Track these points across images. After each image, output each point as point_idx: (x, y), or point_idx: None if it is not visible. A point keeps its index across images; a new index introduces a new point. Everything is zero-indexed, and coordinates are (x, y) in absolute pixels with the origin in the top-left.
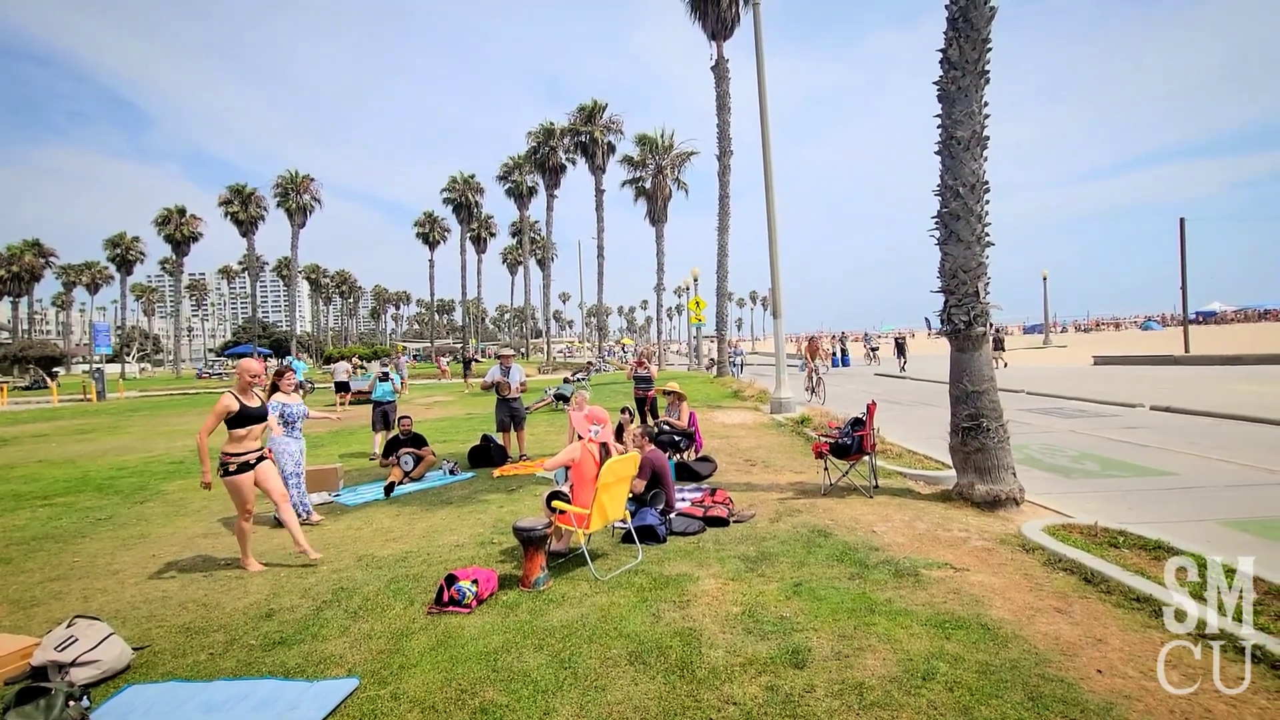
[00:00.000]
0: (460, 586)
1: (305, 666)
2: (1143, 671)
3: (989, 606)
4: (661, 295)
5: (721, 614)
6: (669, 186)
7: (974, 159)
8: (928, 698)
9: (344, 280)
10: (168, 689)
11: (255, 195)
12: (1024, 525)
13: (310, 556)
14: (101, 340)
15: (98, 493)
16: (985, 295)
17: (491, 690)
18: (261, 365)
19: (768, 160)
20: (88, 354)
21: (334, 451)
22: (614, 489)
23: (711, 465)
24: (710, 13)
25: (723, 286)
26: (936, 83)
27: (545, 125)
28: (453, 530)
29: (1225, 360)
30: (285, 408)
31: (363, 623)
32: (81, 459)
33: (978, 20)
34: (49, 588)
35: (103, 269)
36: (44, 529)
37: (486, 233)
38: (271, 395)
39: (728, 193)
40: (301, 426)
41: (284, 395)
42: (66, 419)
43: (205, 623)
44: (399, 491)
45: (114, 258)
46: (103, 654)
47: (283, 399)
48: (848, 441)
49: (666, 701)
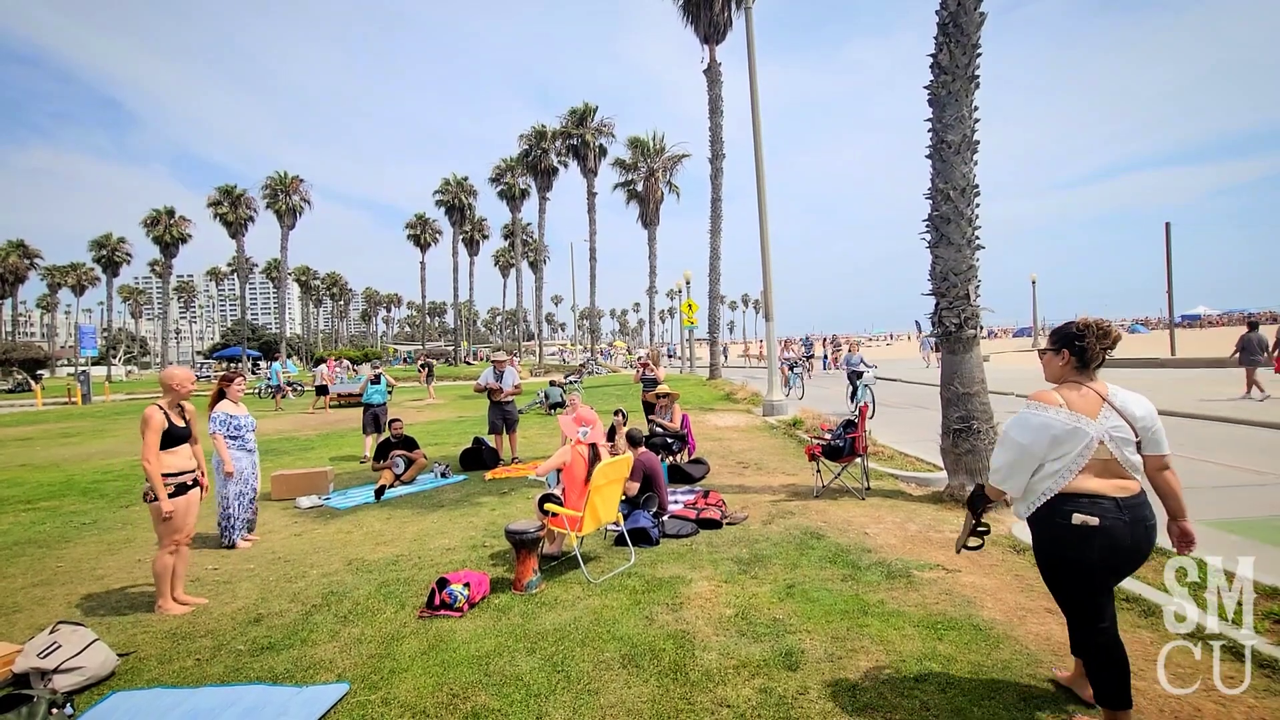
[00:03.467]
0: (452, 590)
1: (294, 672)
2: (1134, 672)
3: (981, 607)
4: (654, 298)
5: (715, 616)
6: (661, 189)
7: (964, 163)
8: (920, 699)
9: (334, 282)
10: (153, 695)
11: (245, 196)
12: (1015, 526)
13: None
14: (87, 343)
15: (82, 497)
16: (976, 298)
17: (483, 694)
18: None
19: (759, 163)
20: (73, 356)
21: (324, 454)
22: (606, 491)
23: (704, 467)
24: (703, 16)
25: (715, 289)
26: (927, 87)
27: (537, 128)
28: (444, 533)
29: (1211, 363)
30: (231, 419)
31: (353, 627)
32: (66, 463)
33: (967, 26)
34: (32, 593)
35: (89, 270)
36: (27, 533)
37: (479, 235)
38: (216, 404)
39: (720, 196)
40: (254, 438)
41: (230, 405)
42: (51, 422)
43: (192, 628)
44: (390, 495)
45: (100, 259)
46: (86, 660)
47: (229, 409)
48: (840, 444)
49: (660, 704)
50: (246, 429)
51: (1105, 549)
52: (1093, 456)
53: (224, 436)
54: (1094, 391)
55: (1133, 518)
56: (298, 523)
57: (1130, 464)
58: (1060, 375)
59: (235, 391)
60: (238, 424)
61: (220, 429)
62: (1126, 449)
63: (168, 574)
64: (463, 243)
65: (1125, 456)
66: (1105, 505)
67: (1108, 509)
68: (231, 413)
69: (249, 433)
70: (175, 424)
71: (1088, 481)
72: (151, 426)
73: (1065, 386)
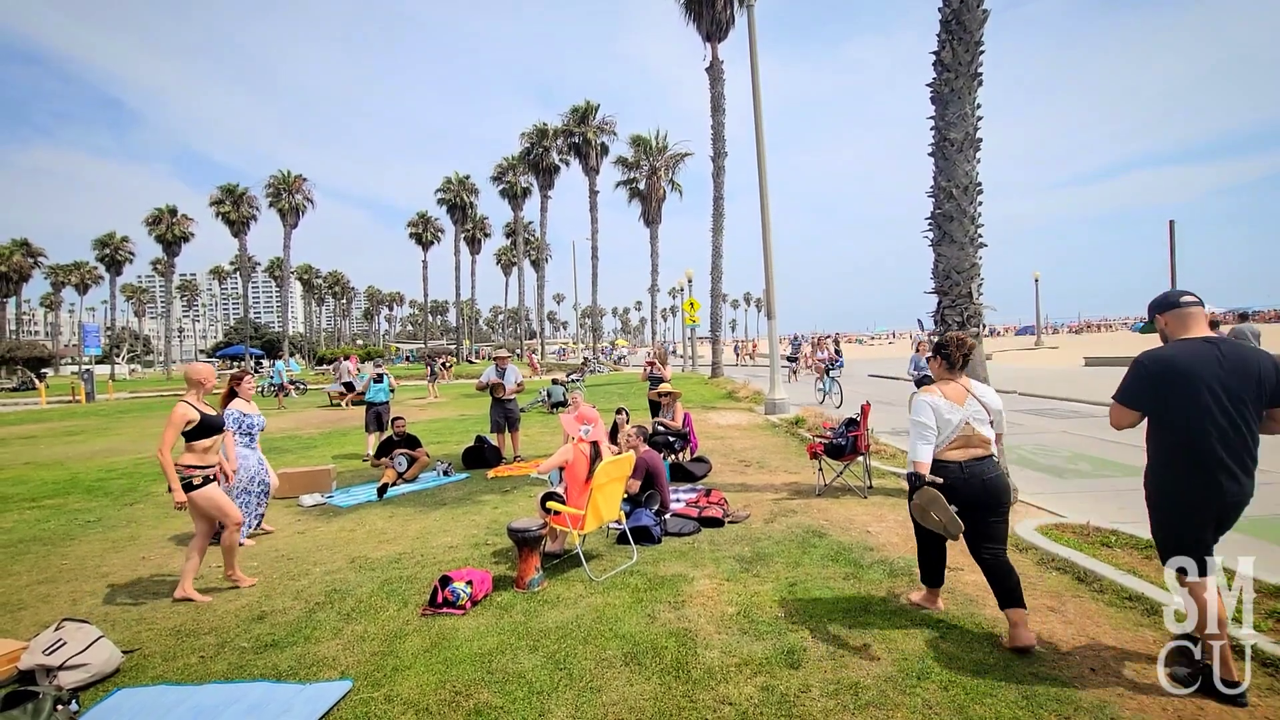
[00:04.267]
0: (454, 588)
1: (298, 669)
2: (1136, 669)
3: (982, 606)
4: (656, 296)
5: (716, 614)
6: (663, 188)
7: (967, 160)
8: (922, 697)
9: (337, 281)
10: (158, 692)
11: (247, 195)
12: (1017, 525)
13: (243, 584)
14: (91, 341)
15: (86, 495)
16: (979, 296)
17: (486, 692)
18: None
19: (761, 160)
20: (76, 355)
21: (327, 453)
22: (608, 489)
23: (706, 466)
24: (705, 14)
25: (717, 288)
26: (930, 84)
27: (539, 126)
28: (447, 531)
29: None
30: (245, 418)
31: (356, 625)
32: (70, 461)
33: (970, 23)
34: (37, 590)
35: (92, 269)
36: (32, 531)
37: (481, 233)
38: (229, 403)
39: (722, 194)
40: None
41: (242, 403)
42: (55, 420)
43: (196, 625)
44: (392, 493)
45: (103, 258)
46: (91, 657)
47: (241, 407)
48: (842, 442)
49: (662, 702)
50: (257, 428)
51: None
52: (959, 433)
53: (236, 434)
54: (960, 386)
55: (970, 474)
56: (300, 520)
57: (984, 437)
58: (939, 375)
59: (246, 390)
60: (250, 423)
61: (234, 426)
62: (982, 427)
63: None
64: (465, 241)
65: (981, 432)
66: (951, 469)
67: (953, 471)
68: (245, 411)
69: (258, 431)
70: (208, 414)
71: (949, 452)
72: (171, 420)
73: (941, 383)
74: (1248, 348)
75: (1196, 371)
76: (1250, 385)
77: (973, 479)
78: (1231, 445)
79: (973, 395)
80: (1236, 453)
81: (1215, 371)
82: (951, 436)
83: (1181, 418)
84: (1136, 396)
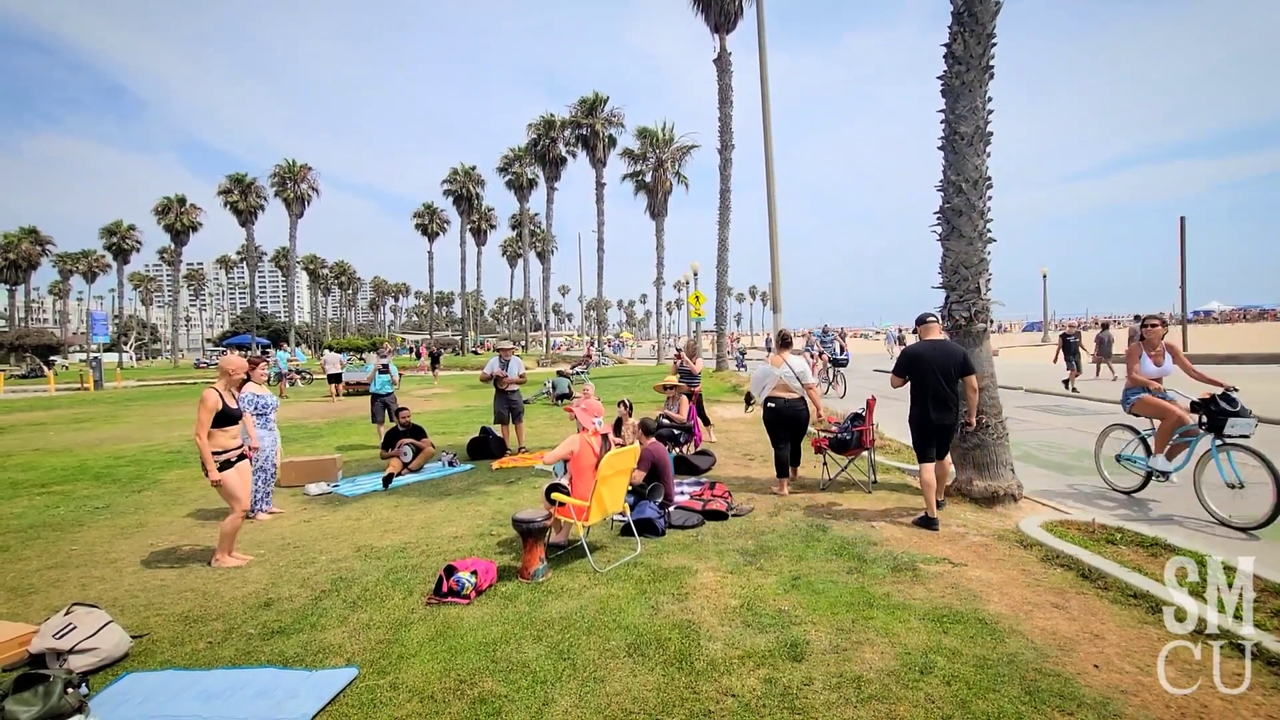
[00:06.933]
0: (459, 577)
1: (304, 656)
2: (1139, 666)
3: (986, 601)
4: (661, 289)
5: (720, 607)
6: (669, 180)
7: (977, 155)
8: (925, 691)
9: (343, 271)
10: (166, 677)
11: (255, 185)
12: (1022, 521)
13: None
14: (99, 329)
15: (95, 481)
16: (986, 291)
17: (490, 680)
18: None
19: (769, 152)
20: (85, 343)
21: (332, 442)
22: (613, 481)
23: (710, 459)
24: (713, 5)
25: (723, 281)
26: (941, 77)
27: (546, 117)
28: (452, 522)
29: (1223, 359)
30: (259, 399)
31: (361, 613)
32: (79, 447)
33: (982, 15)
34: (47, 575)
35: (100, 258)
36: (41, 517)
37: (487, 225)
38: (243, 387)
39: (729, 187)
40: (274, 418)
41: (255, 386)
42: (63, 408)
43: (203, 611)
44: (398, 483)
45: (111, 246)
46: (101, 641)
47: (255, 390)
48: (847, 437)
49: (665, 693)
50: (270, 408)
51: (775, 417)
52: (779, 382)
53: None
54: (781, 358)
55: (785, 405)
56: (307, 509)
57: (794, 387)
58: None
59: (259, 374)
60: (264, 403)
61: (249, 407)
62: (792, 382)
63: (235, 535)
64: (470, 232)
65: (791, 384)
66: (778, 400)
67: (779, 401)
68: (258, 393)
69: (272, 412)
70: (229, 405)
71: (775, 391)
72: (205, 406)
73: (774, 355)
74: (954, 344)
75: (926, 357)
76: (953, 365)
77: (784, 408)
78: (941, 396)
79: (786, 364)
80: (943, 400)
81: (934, 356)
82: (775, 384)
83: (919, 381)
84: (904, 369)
